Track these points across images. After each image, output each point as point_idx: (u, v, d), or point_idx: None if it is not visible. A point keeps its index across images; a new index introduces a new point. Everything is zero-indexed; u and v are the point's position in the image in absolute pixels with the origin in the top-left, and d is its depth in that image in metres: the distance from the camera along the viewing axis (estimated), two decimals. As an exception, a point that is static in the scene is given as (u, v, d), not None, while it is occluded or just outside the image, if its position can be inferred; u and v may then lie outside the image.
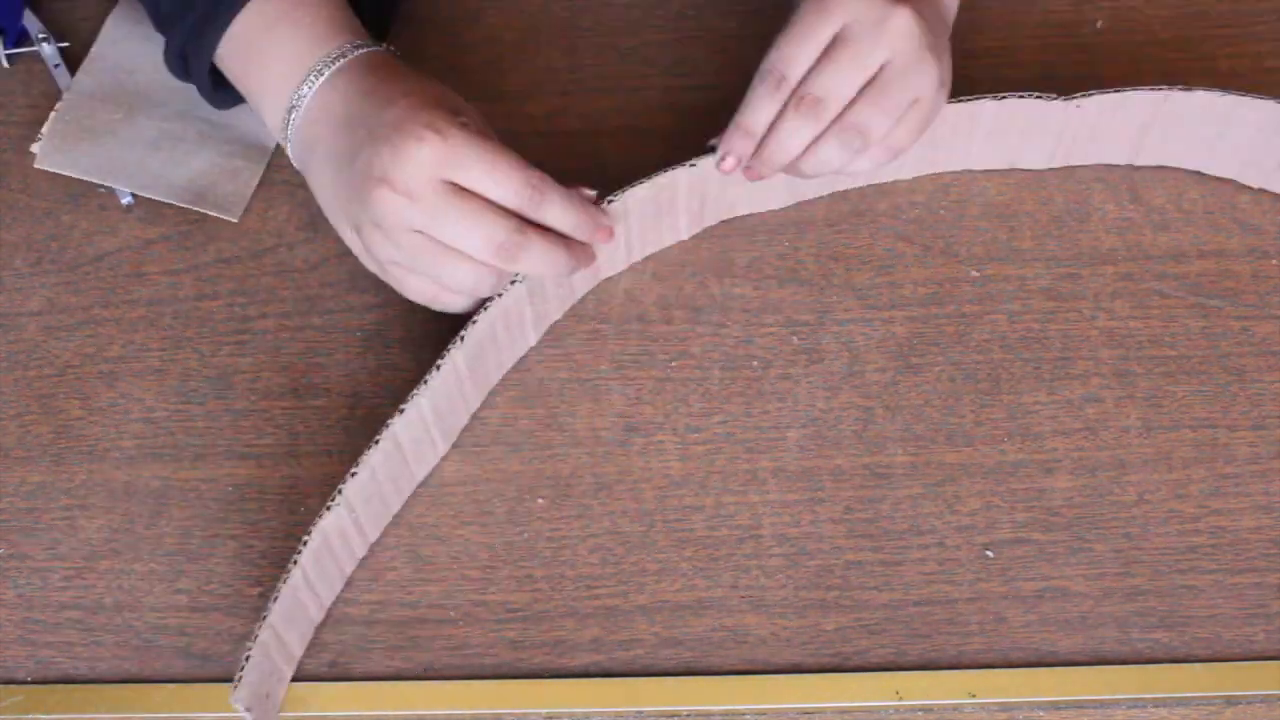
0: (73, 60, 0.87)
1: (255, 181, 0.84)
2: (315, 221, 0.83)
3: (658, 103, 0.85)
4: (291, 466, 0.77)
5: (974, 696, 0.72)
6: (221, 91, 0.80)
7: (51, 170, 0.83)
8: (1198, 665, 0.72)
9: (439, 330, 0.80)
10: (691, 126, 0.84)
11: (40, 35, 0.87)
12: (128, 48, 0.87)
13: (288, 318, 0.80)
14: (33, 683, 0.73)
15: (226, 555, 0.75)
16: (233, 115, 0.84)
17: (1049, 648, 0.73)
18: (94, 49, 0.87)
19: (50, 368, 0.79)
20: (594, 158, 0.84)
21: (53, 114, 0.85)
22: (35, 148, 0.84)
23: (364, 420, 0.78)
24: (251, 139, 0.84)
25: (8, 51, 0.87)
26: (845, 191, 0.83)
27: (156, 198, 0.83)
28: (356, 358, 0.79)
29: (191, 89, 0.82)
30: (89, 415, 0.78)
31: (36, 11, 0.89)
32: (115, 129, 0.84)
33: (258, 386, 0.79)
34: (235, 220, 0.83)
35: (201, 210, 0.82)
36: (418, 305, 0.80)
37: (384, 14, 0.85)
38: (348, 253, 0.82)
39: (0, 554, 0.75)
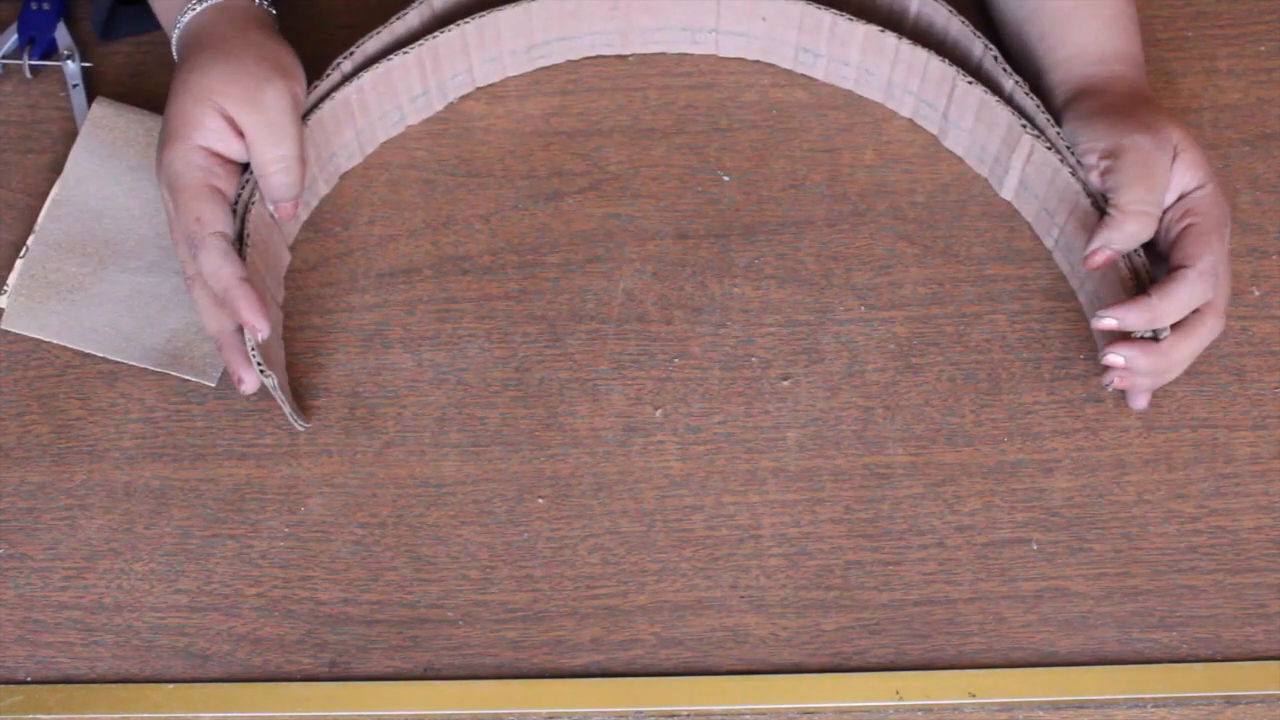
0: (93, 83, 0.86)
1: None
2: (315, 221, 0.83)
3: (657, 102, 0.85)
4: (291, 466, 0.77)
5: (974, 696, 0.72)
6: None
7: (19, 333, 0.79)
8: (1198, 665, 0.72)
9: (438, 331, 0.80)
10: (691, 126, 0.85)
11: (66, 52, 0.86)
12: (93, 190, 0.82)
13: (288, 318, 0.80)
14: (33, 683, 0.73)
15: (226, 555, 0.75)
16: None
17: (1049, 648, 0.73)
18: (57, 192, 0.82)
19: (50, 368, 0.79)
20: (594, 158, 0.84)
21: (19, 264, 0.80)
22: (2, 301, 0.80)
23: (364, 420, 0.78)
24: None
25: (32, 62, 0.86)
26: (845, 191, 0.83)
27: (130, 363, 0.79)
28: (356, 358, 0.79)
29: (163, 238, 0.81)
30: (89, 415, 0.78)
31: (70, 27, 0.87)
32: (85, 284, 0.80)
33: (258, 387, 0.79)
34: (213, 385, 0.78)
35: (177, 375, 0.79)
36: (418, 306, 0.80)
37: None
38: (347, 253, 0.82)
39: (0, 554, 0.75)
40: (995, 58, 0.80)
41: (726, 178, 0.83)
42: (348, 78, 0.80)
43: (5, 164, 0.84)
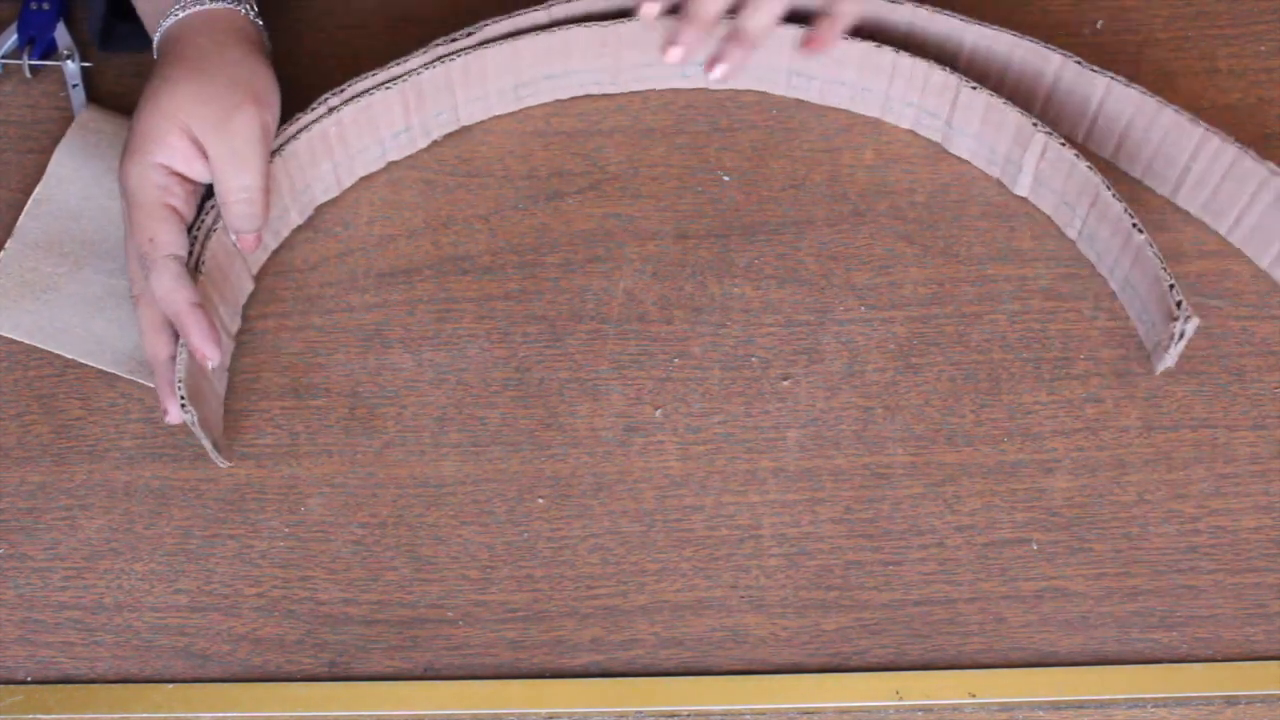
0: (93, 83, 0.86)
1: None
2: (315, 221, 0.83)
3: (657, 102, 0.85)
4: (291, 466, 0.77)
5: (974, 696, 0.72)
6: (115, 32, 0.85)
7: None
8: (1198, 665, 0.72)
9: (438, 331, 0.80)
10: (691, 126, 0.85)
11: (66, 51, 0.86)
12: (75, 189, 0.82)
13: (288, 318, 0.80)
14: (33, 683, 0.73)
15: (226, 555, 0.75)
16: None
17: (1049, 648, 0.73)
18: (39, 190, 0.82)
19: (50, 368, 0.79)
20: (594, 158, 0.84)
21: None
22: None
23: (364, 420, 0.78)
24: None
25: (32, 62, 0.86)
26: (845, 191, 0.83)
27: (101, 367, 0.78)
28: (356, 358, 0.79)
29: None
30: (89, 415, 0.78)
31: (70, 26, 0.87)
32: (59, 284, 0.80)
33: (258, 387, 0.79)
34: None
35: (145, 383, 0.78)
36: (418, 306, 0.80)
37: None
38: (347, 253, 0.82)
39: (0, 554, 0.75)
40: (1078, 62, 0.80)
41: (726, 178, 0.83)
42: (333, 110, 0.79)
43: (5, 164, 0.84)
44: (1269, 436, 0.77)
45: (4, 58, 0.86)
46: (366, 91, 0.80)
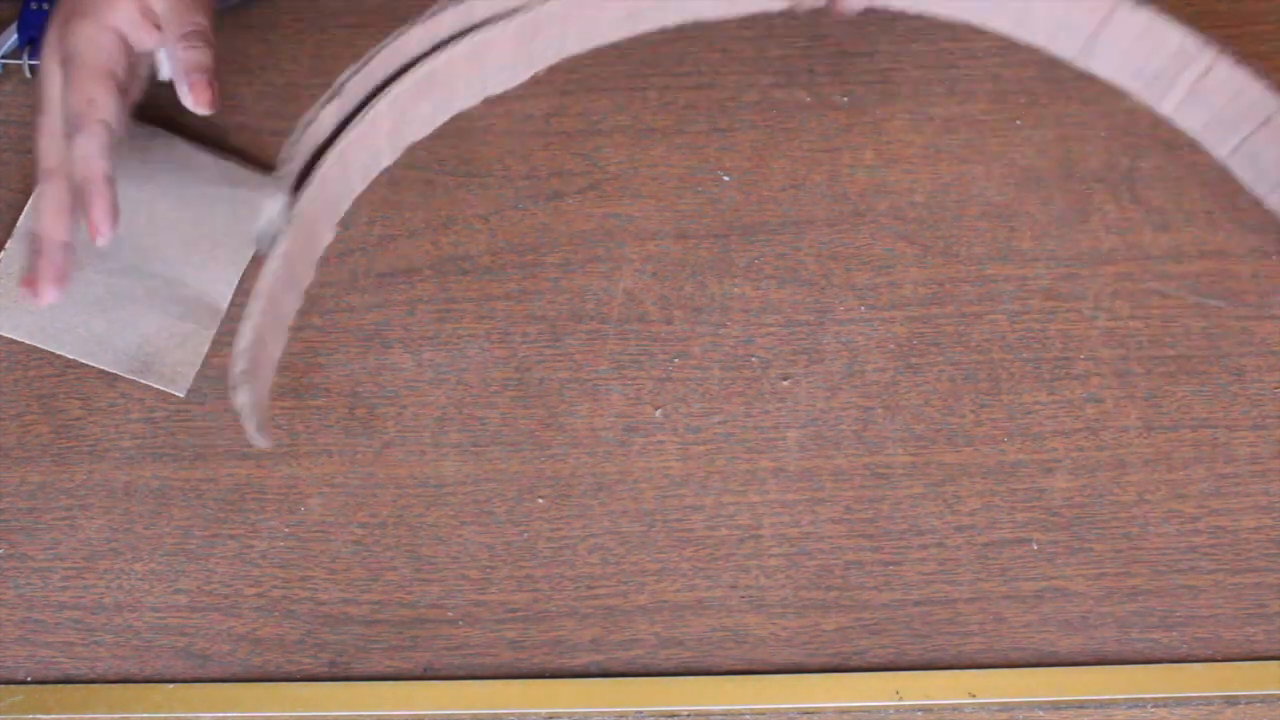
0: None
1: (205, 349, 0.78)
2: (315, 221, 0.83)
3: (658, 102, 0.85)
4: (291, 466, 0.77)
5: (974, 696, 0.72)
6: None
7: None
8: (1198, 665, 0.72)
9: (438, 331, 0.80)
10: (691, 126, 0.85)
11: None
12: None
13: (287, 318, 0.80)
14: (33, 683, 0.73)
15: (226, 555, 0.75)
16: (184, 271, 0.80)
17: (1049, 648, 0.73)
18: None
19: (50, 368, 0.79)
20: (594, 158, 0.84)
21: None
22: None
23: (364, 420, 0.78)
24: (203, 299, 0.79)
25: (32, 62, 0.86)
26: (845, 191, 0.83)
27: (102, 367, 0.78)
28: (356, 358, 0.79)
29: (140, 239, 0.79)
30: (89, 415, 0.78)
31: None
32: None
33: (258, 386, 0.79)
34: (182, 395, 0.78)
35: (147, 383, 0.78)
36: (418, 306, 0.80)
37: None
38: (347, 253, 0.82)
39: (0, 554, 0.75)
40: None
41: (726, 178, 0.83)
42: (440, 46, 0.78)
43: (5, 164, 0.84)
44: (1269, 436, 0.77)
45: (4, 58, 0.86)
46: (484, 25, 0.78)
